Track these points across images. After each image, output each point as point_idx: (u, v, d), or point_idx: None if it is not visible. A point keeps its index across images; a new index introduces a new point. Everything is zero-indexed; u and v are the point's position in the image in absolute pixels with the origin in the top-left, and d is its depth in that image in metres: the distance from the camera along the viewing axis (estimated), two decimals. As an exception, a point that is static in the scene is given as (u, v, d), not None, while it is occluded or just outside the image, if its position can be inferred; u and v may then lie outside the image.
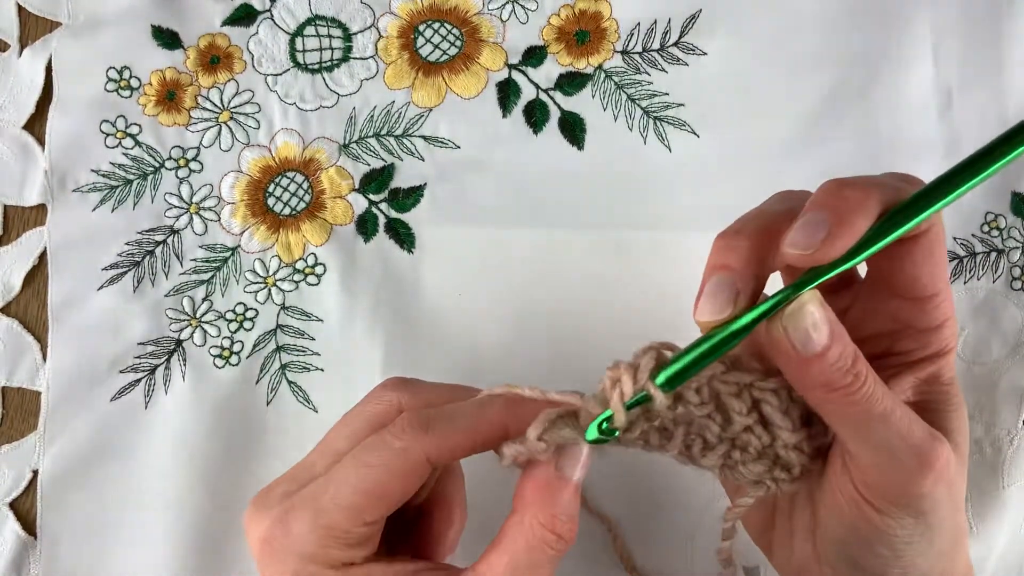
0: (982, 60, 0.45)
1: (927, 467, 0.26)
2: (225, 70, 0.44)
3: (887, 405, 0.26)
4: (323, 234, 0.43)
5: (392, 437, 0.28)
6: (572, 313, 0.43)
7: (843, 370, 0.25)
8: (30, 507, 0.42)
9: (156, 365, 0.42)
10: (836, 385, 0.25)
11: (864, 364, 0.26)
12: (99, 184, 0.43)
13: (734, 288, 0.26)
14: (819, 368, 0.25)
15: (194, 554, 0.41)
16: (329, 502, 0.27)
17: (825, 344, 0.25)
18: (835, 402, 0.26)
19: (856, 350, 0.26)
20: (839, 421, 0.27)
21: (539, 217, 0.43)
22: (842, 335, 0.25)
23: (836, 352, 0.25)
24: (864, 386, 0.25)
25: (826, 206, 0.25)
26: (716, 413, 0.28)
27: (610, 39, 0.45)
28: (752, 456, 0.28)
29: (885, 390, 0.26)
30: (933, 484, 0.26)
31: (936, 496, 0.26)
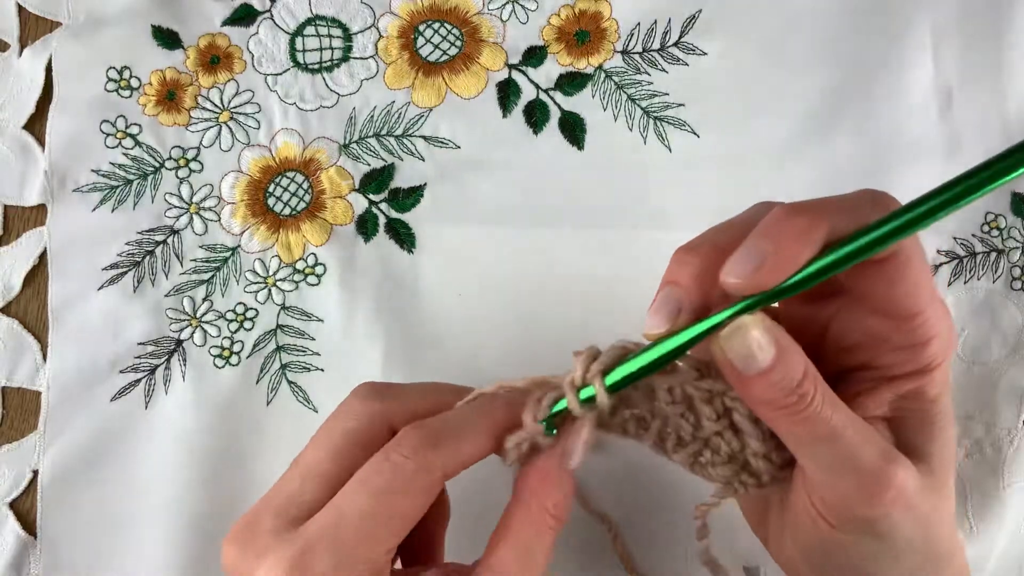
0: (982, 60, 0.44)
1: (877, 491, 0.26)
2: (225, 70, 0.44)
3: (835, 426, 0.26)
4: (323, 234, 0.43)
5: (402, 458, 0.27)
6: (572, 313, 0.43)
7: (786, 390, 0.25)
8: (30, 507, 0.42)
9: (156, 365, 0.42)
10: (779, 404, 0.25)
11: (812, 383, 0.25)
12: (99, 184, 0.43)
13: (677, 304, 0.26)
14: (761, 387, 0.25)
15: (194, 554, 0.41)
16: (350, 535, 0.26)
17: (767, 364, 0.25)
18: (780, 420, 0.26)
19: (807, 369, 0.25)
20: (787, 438, 0.27)
21: (539, 217, 0.43)
22: (788, 355, 0.25)
23: (779, 373, 0.25)
24: (809, 407, 0.25)
25: (767, 235, 0.25)
26: (689, 414, 0.28)
27: (610, 39, 0.45)
28: (722, 459, 0.29)
29: (836, 409, 0.26)
30: (888, 508, 0.26)
31: (893, 519, 0.26)
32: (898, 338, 0.27)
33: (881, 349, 0.27)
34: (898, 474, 0.26)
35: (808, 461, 0.27)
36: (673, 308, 0.26)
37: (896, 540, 0.27)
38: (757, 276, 0.25)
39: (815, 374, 0.26)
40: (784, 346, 0.25)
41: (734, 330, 0.25)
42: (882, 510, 0.26)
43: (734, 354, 0.25)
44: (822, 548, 0.28)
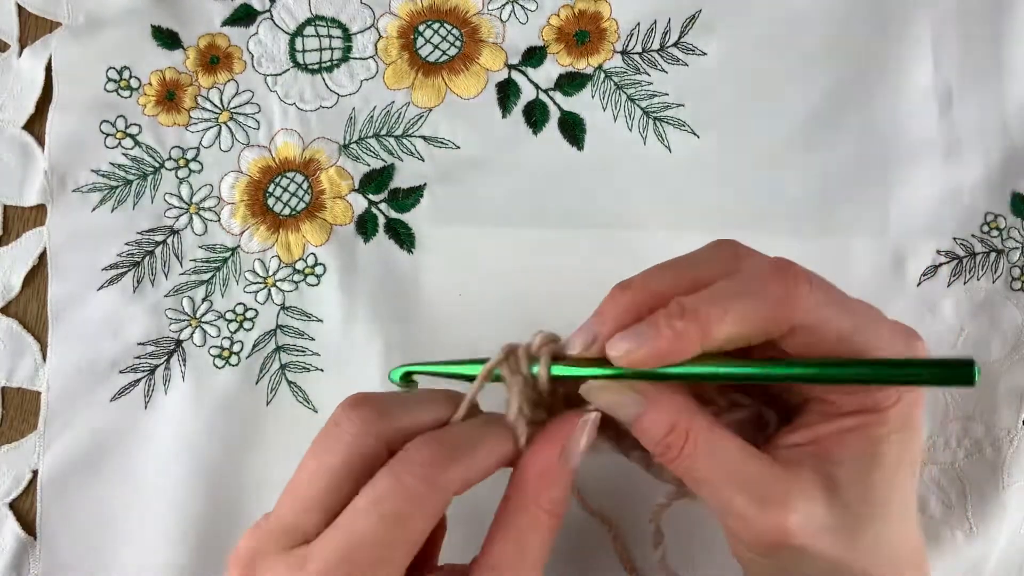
0: (982, 60, 0.44)
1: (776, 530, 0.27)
2: (225, 70, 0.44)
3: (706, 476, 0.27)
4: (323, 234, 0.43)
5: (414, 479, 0.26)
6: (572, 313, 0.42)
7: (655, 440, 0.28)
8: (30, 507, 0.42)
9: (156, 365, 0.42)
10: (657, 452, 0.28)
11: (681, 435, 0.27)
12: (99, 184, 0.43)
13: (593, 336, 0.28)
14: (637, 432, 0.28)
15: (194, 554, 0.41)
16: (364, 561, 0.26)
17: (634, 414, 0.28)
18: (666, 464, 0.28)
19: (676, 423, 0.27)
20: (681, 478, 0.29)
21: (539, 217, 0.43)
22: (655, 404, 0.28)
23: (645, 423, 0.28)
24: (679, 456, 0.27)
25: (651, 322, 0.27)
26: None
27: (610, 39, 0.45)
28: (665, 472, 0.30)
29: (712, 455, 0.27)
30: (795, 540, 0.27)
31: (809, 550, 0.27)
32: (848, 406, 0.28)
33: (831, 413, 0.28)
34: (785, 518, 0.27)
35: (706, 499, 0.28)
36: (590, 337, 0.29)
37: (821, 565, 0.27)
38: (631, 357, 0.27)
39: (689, 425, 0.27)
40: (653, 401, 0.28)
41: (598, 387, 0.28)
42: (789, 541, 0.27)
43: (601, 404, 0.28)
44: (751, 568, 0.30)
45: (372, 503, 0.26)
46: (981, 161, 0.44)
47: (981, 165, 0.44)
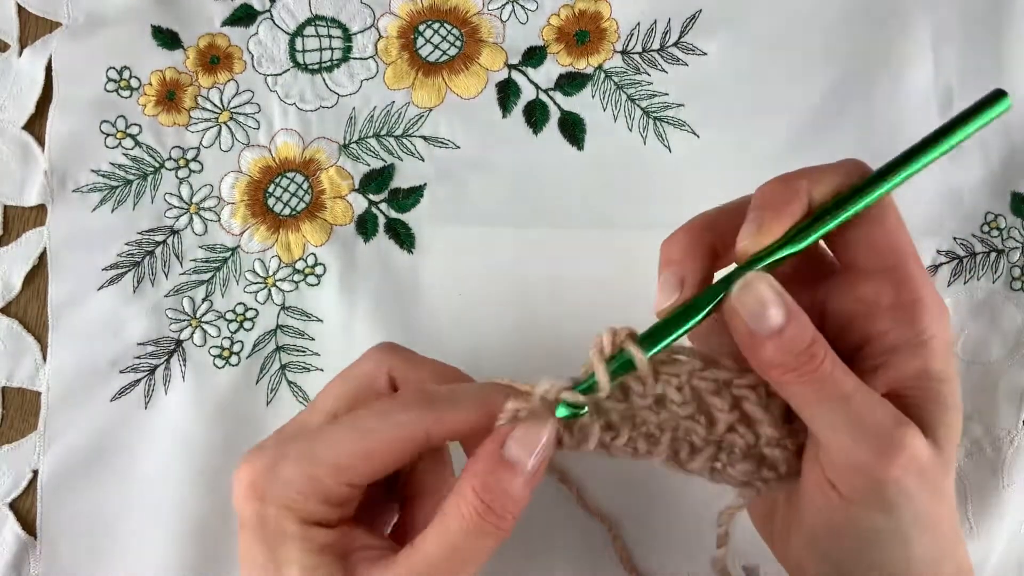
0: (982, 60, 0.45)
1: (891, 452, 0.26)
2: (225, 70, 0.44)
3: (847, 388, 0.26)
4: (323, 234, 0.43)
5: (395, 408, 0.28)
6: (572, 313, 0.43)
7: (797, 351, 0.26)
8: (30, 507, 0.42)
9: (156, 365, 0.42)
10: (791, 366, 0.26)
11: (822, 346, 0.26)
12: (99, 184, 0.43)
13: (679, 278, 0.28)
14: (773, 348, 0.26)
15: (194, 554, 0.41)
16: (320, 456, 0.28)
17: (779, 323, 0.26)
18: (792, 383, 0.27)
19: (815, 332, 0.26)
20: (800, 403, 0.27)
21: (539, 217, 0.43)
22: (798, 315, 0.26)
23: (791, 332, 0.26)
24: (821, 367, 0.26)
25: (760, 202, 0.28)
26: (699, 414, 0.28)
27: (610, 39, 0.45)
28: (738, 457, 0.29)
29: (847, 373, 0.26)
30: (901, 472, 0.26)
31: (905, 488, 0.26)
32: (886, 296, 0.28)
33: (874, 314, 0.28)
34: (911, 438, 0.26)
35: (821, 425, 0.27)
36: (676, 281, 0.28)
37: (905, 515, 0.27)
38: (760, 236, 0.27)
39: (822, 337, 0.27)
40: (793, 307, 0.26)
41: (745, 285, 0.27)
42: (895, 472, 0.26)
43: (747, 311, 0.27)
44: (830, 529, 0.28)
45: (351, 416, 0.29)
46: (981, 161, 0.44)
47: (981, 165, 0.44)
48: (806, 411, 0.27)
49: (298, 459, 0.28)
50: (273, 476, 0.28)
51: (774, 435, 0.28)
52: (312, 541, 0.28)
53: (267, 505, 0.28)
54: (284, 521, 0.28)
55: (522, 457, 0.27)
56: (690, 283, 0.28)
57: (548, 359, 0.42)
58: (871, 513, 0.27)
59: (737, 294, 0.27)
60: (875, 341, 0.28)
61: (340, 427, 0.28)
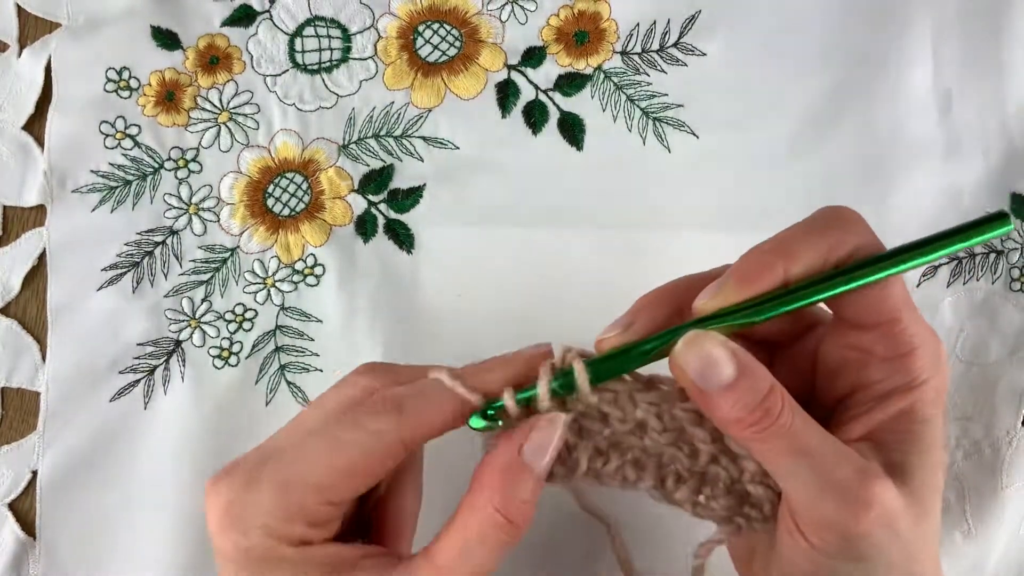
0: (982, 60, 0.44)
1: (857, 508, 0.25)
2: (224, 71, 0.44)
3: (809, 442, 0.26)
4: (322, 235, 0.43)
5: (366, 417, 0.27)
6: (571, 313, 0.43)
7: (752, 405, 0.25)
8: (29, 508, 0.42)
9: (155, 366, 0.42)
10: (747, 421, 0.25)
11: (779, 398, 0.26)
12: (98, 185, 0.43)
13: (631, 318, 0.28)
14: (728, 404, 0.26)
15: (193, 554, 0.41)
16: (297, 477, 0.27)
17: (728, 378, 0.25)
18: (752, 440, 0.26)
19: (772, 384, 0.26)
20: (763, 457, 0.27)
21: (538, 217, 0.43)
22: (751, 369, 0.26)
23: (743, 387, 0.25)
24: (777, 420, 0.25)
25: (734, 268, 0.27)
26: (682, 443, 0.28)
27: (609, 40, 0.45)
28: (721, 491, 0.28)
29: (808, 425, 0.26)
30: (869, 527, 0.25)
31: (876, 541, 0.26)
32: (881, 347, 0.27)
33: (867, 363, 0.27)
34: (879, 492, 0.25)
35: (785, 480, 0.26)
36: (625, 322, 0.28)
37: (879, 564, 0.26)
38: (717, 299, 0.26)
39: (781, 389, 0.26)
40: (745, 361, 0.26)
41: (688, 342, 0.26)
42: (864, 528, 0.25)
43: (691, 368, 0.26)
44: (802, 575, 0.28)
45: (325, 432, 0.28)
46: (981, 161, 0.44)
47: (981, 165, 0.44)
48: (770, 465, 0.27)
49: (272, 481, 0.27)
50: (248, 501, 0.27)
51: (758, 471, 0.28)
52: (308, 561, 0.27)
53: (249, 536, 0.27)
54: (274, 549, 0.27)
55: (535, 462, 0.27)
56: (636, 328, 0.28)
57: (547, 360, 0.42)
58: (844, 564, 0.26)
59: (680, 350, 0.26)
60: (866, 389, 0.28)
61: (311, 443, 0.27)
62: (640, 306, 0.29)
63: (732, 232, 0.43)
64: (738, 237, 0.44)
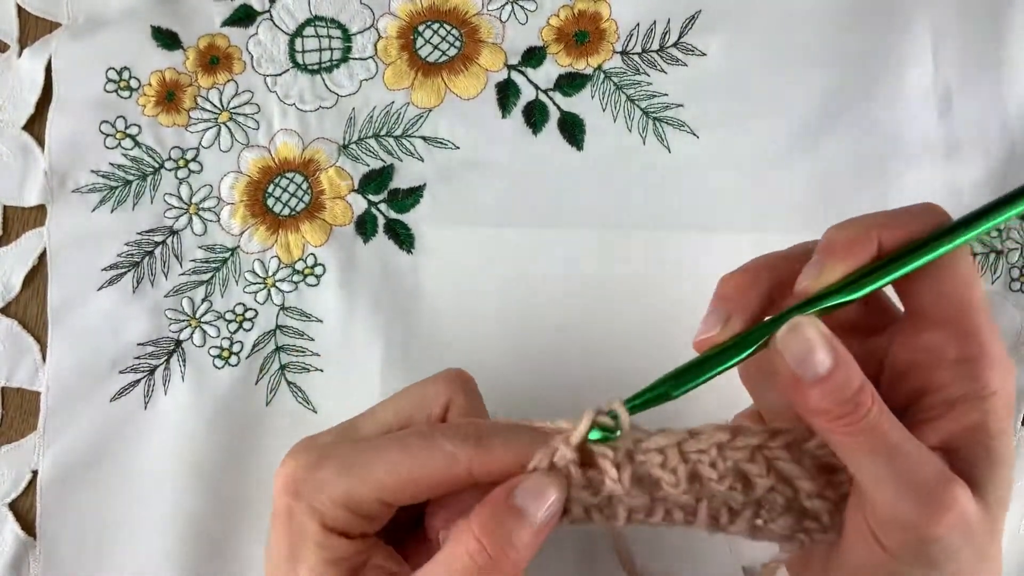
0: (982, 60, 0.44)
1: (937, 510, 0.25)
2: (224, 71, 0.44)
3: (894, 439, 0.25)
4: (322, 235, 0.43)
5: (444, 437, 0.28)
6: (571, 313, 0.43)
7: (844, 398, 0.25)
8: (30, 507, 0.42)
9: (156, 365, 0.42)
10: (836, 413, 0.25)
11: (870, 394, 0.25)
12: (99, 185, 0.43)
13: (727, 312, 0.27)
14: (819, 395, 0.25)
15: (194, 554, 0.41)
16: (361, 468, 0.28)
17: (825, 369, 0.25)
18: (837, 432, 0.26)
19: (863, 380, 0.25)
20: (845, 452, 0.26)
21: (539, 217, 0.43)
22: (845, 361, 0.25)
23: (837, 378, 0.25)
24: (867, 416, 0.25)
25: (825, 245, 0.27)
26: (736, 483, 0.28)
27: (609, 40, 0.45)
28: (779, 512, 0.28)
29: (895, 424, 0.26)
30: (946, 531, 0.25)
31: (950, 547, 0.25)
32: (951, 349, 0.27)
33: (936, 366, 0.27)
34: (959, 496, 0.25)
35: (866, 476, 0.26)
36: (723, 316, 0.27)
37: (946, 573, 0.26)
38: (823, 277, 0.26)
39: (871, 386, 0.26)
40: (841, 352, 0.26)
41: (792, 328, 0.26)
42: (941, 531, 0.25)
43: (791, 355, 0.26)
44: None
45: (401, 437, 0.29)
46: (981, 161, 0.44)
47: (981, 165, 0.44)
48: (851, 461, 0.26)
49: (339, 465, 0.28)
50: (310, 475, 0.28)
51: (813, 488, 0.28)
52: (329, 550, 0.28)
53: (298, 502, 0.28)
54: (308, 522, 0.28)
55: (529, 507, 0.26)
56: (737, 320, 0.27)
57: (548, 360, 0.42)
58: (914, 569, 0.26)
59: (783, 336, 0.26)
60: (935, 392, 0.27)
61: (385, 442, 0.28)
62: (729, 294, 0.28)
63: (732, 232, 0.43)
64: (738, 237, 0.44)
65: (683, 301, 0.42)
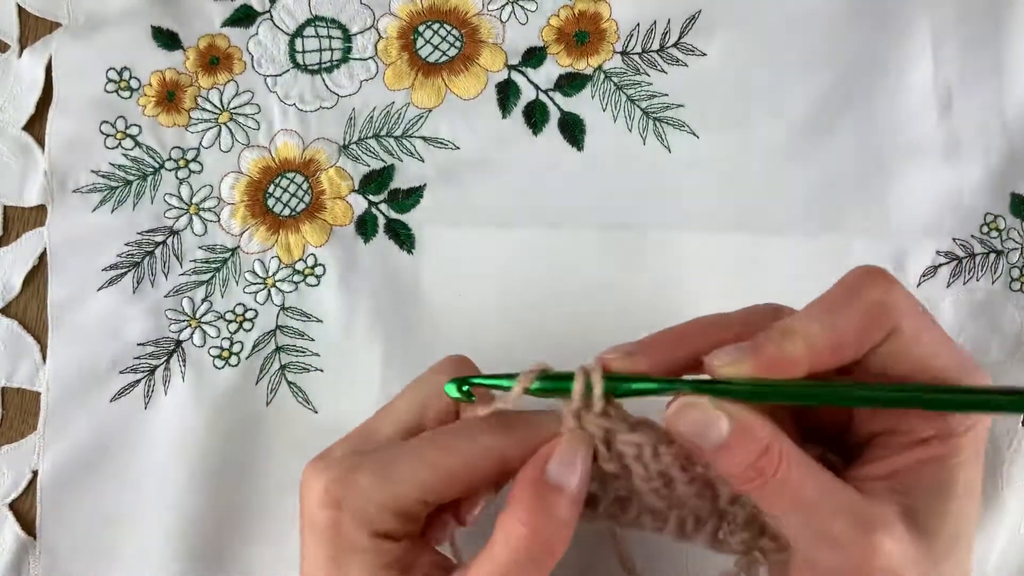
0: (982, 60, 0.44)
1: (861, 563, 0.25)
2: (225, 71, 0.44)
3: (808, 495, 0.26)
4: (323, 235, 0.43)
5: (477, 430, 0.28)
6: (571, 313, 0.43)
7: (746, 464, 0.25)
8: (30, 508, 0.42)
9: (156, 366, 0.42)
10: (744, 477, 0.26)
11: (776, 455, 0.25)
12: (99, 185, 0.43)
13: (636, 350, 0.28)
14: (723, 462, 0.26)
15: (194, 554, 0.41)
16: (401, 471, 0.28)
17: (721, 439, 0.26)
18: (752, 493, 0.26)
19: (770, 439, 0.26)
20: (764, 507, 0.27)
21: (539, 218, 0.43)
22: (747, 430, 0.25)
23: (739, 445, 0.26)
24: (775, 476, 0.25)
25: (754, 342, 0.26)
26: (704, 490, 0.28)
27: (609, 40, 0.45)
28: (739, 526, 0.28)
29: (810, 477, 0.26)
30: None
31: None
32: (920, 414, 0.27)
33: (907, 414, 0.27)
34: (878, 541, 0.25)
35: (790, 532, 0.26)
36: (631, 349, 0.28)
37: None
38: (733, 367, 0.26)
39: (782, 442, 0.26)
40: (741, 420, 0.26)
41: (678, 412, 0.26)
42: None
43: (687, 431, 0.26)
44: None
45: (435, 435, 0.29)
46: (981, 161, 0.44)
47: (981, 165, 0.44)
48: (774, 518, 0.27)
49: (377, 471, 0.28)
50: (350, 486, 0.28)
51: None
52: (380, 555, 0.28)
53: (343, 513, 0.28)
54: (357, 532, 0.28)
55: (564, 477, 0.27)
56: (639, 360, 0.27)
57: (548, 359, 0.42)
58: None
59: (672, 417, 0.26)
60: (903, 433, 0.27)
61: (420, 443, 0.29)
62: (655, 342, 0.28)
63: (732, 232, 0.43)
64: (738, 237, 0.44)
65: (683, 301, 0.42)
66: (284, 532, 0.41)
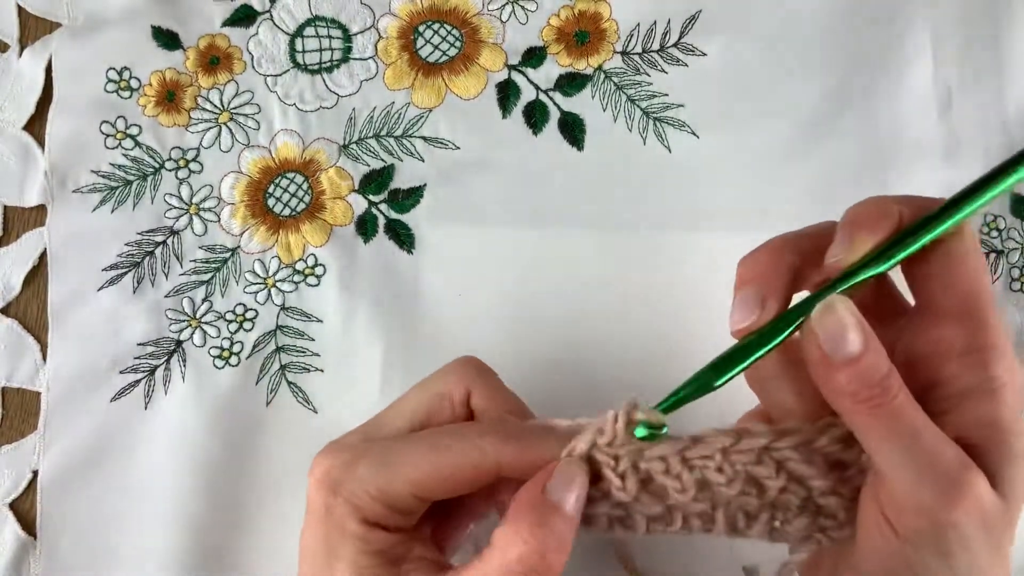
0: (982, 60, 0.44)
1: (954, 495, 0.25)
2: (225, 71, 0.44)
3: (916, 424, 0.26)
4: (323, 235, 0.43)
5: (476, 433, 0.29)
6: (571, 313, 0.43)
7: (871, 381, 0.25)
8: (30, 507, 0.42)
9: (156, 366, 0.42)
10: (863, 396, 0.26)
11: (897, 379, 0.26)
12: (99, 185, 0.43)
13: (760, 294, 0.27)
14: (847, 376, 0.26)
15: (194, 553, 0.41)
16: (397, 463, 0.29)
17: (856, 351, 0.25)
18: (862, 415, 0.26)
19: (891, 365, 0.26)
20: (867, 435, 0.26)
21: (539, 218, 0.43)
22: (876, 345, 0.26)
23: (867, 361, 0.25)
24: (893, 400, 0.25)
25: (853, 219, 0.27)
26: (748, 487, 0.28)
27: (610, 40, 0.45)
28: (795, 512, 0.28)
29: (917, 410, 0.26)
30: (962, 517, 0.25)
31: (964, 534, 0.25)
32: (959, 341, 0.27)
33: (946, 358, 0.27)
34: (977, 483, 0.25)
35: (885, 460, 0.26)
36: (758, 299, 0.27)
37: (961, 563, 0.26)
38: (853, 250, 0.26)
39: (896, 371, 0.26)
40: (872, 336, 0.26)
41: (827, 307, 0.26)
42: (957, 517, 0.25)
43: (825, 334, 0.26)
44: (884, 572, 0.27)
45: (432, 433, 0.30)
46: (981, 161, 0.44)
47: (981, 165, 0.44)
48: (872, 444, 0.26)
49: (374, 461, 0.29)
50: (348, 472, 0.29)
51: (826, 485, 0.28)
52: (369, 543, 0.29)
53: (336, 498, 0.29)
54: (348, 517, 0.29)
55: (563, 497, 0.27)
56: (772, 303, 0.27)
57: (548, 359, 0.42)
58: (928, 557, 0.26)
59: (818, 315, 0.26)
60: (943, 385, 0.27)
61: (418, 439, 0.29)
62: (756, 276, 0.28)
63: (732, 232, 0.43)
64: (738, 237, 0.44)
65: (683, 300, 0.42)
66: (284, 532, 0.41)
